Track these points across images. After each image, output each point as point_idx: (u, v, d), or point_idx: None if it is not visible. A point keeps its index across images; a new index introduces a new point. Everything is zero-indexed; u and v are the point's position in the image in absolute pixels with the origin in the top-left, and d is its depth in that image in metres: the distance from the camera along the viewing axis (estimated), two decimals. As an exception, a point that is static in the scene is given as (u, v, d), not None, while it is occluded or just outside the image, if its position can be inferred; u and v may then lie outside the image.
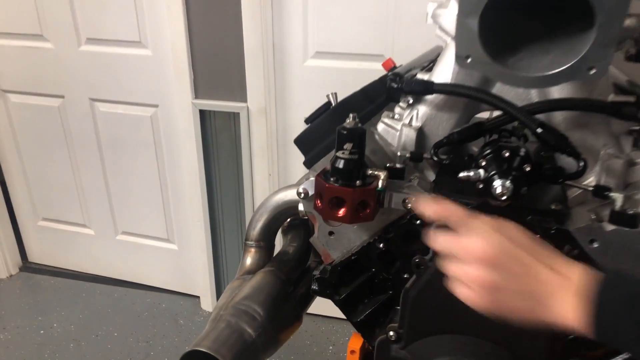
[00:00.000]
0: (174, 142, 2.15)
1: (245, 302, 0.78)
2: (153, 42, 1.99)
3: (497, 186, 0.58)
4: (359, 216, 0.69)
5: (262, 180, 2.04)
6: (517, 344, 0.72)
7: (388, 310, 0.84)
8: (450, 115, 0.76)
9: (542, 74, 0.57)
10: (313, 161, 0.79)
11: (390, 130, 0.79)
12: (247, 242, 0.91)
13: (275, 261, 0.88)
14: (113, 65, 2.08)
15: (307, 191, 0.78)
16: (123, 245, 2.48)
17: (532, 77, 0.58)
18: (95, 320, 2.32)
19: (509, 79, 0.61)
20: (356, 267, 0.81)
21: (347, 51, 1.80)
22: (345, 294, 0.82)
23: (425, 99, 0.77)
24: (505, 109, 0.63)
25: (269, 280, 0.82)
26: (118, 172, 2.32)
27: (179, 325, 2.30)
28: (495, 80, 0.67)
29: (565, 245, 0.66)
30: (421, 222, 0.73)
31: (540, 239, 0.55)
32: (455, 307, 0.73)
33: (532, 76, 0.58)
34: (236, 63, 1.87)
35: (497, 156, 0.60)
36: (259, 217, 0.90)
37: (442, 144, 0.68)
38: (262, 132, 1.95)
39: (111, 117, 2.20)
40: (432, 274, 0.73)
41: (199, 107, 1.96)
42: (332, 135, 0.76)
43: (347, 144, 0.67)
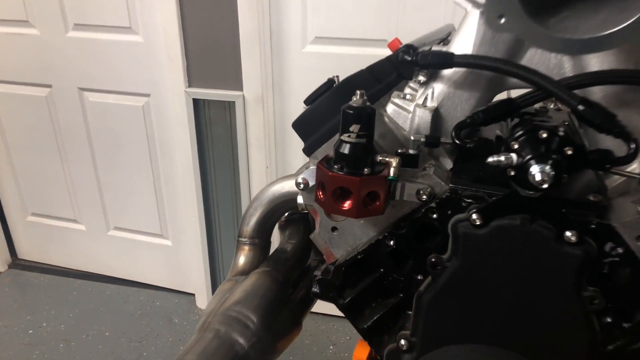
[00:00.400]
0: (166, 132, 2.08)
1: (237, 307, 0.68)
2: (144, 27, 1.92)
3: (535, 172, 0.49)
4: (367, 209, 0.61)
5: (260, 173, 1.97)
6: (546, 356, 0.63)
7: (398, 315, 0.75)
8: (470, 94, 0.67)
9: (592, 36, 0.48)
10: (314, 147, 0.70)
11: (401, 112, 0.70)
12: (240, 239, 0.81)
13: (272, 260, 0.79)
14: (102, 52, 2.01)
15: (307, 181, 0.70)
16: (115, 241, 2.43)
17: (580, 40, 0.49)
18: (86, 319, 2.25)
19: (549, 43, 0.51)
20: (362, 267, 0.72)
21: (348, 36, 1.73)
22: (350, 297, 0.73)
23: (442, 75, 0.68)
24: (540, 82, 0.54)
25: (264, 282, 0.73)
26: (109, 164, 2.26)
27: (173, 324, 2.24)
28: (533, 44, 0.57)
29: (607, 242, 0.57)
30: (438, 216, 0.64)
31: None
32: (476, 313, 0.65)
33: (579, 39, 0.48)
34: (231, 49, 1.80)
35: (533, 137, 0.51)
36: (253, 211, 0.81)
37: (464, 125, 0.59)
38: (259, 122, 1.88)
39: (101, 107, 2.14)
40: (450, 275, 0.64)
41: (192, 96, 1.90)
42: (335, 117, 0.68)
43: (353, 125, 0.58)
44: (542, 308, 0.61)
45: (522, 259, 0.60)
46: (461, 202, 0.63)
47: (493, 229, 0.60)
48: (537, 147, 0.50)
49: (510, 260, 0.60)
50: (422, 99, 0.69)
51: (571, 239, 0.57)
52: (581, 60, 0.61)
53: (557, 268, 0.58)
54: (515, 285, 0.61)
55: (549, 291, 0.60)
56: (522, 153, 0.51)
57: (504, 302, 0.62)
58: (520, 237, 0.59)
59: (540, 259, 0.58)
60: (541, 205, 0.57)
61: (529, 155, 0.50)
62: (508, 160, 0.51)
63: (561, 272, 0.58)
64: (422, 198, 0.64)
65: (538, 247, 0.58)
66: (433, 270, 0.65)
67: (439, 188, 0.65)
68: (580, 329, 0.60)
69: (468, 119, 0.59)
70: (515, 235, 0.59)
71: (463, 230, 0.61)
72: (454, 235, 0.62)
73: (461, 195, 0.63)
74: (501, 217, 0.59)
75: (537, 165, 0.49)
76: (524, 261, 0.60)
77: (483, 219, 0.59)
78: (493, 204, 0.60)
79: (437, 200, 0.64)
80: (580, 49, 0.51)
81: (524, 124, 0.54)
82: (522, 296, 0.61)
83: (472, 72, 0.66)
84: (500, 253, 0.60)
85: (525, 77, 0.55)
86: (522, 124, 0.54)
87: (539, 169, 0.49)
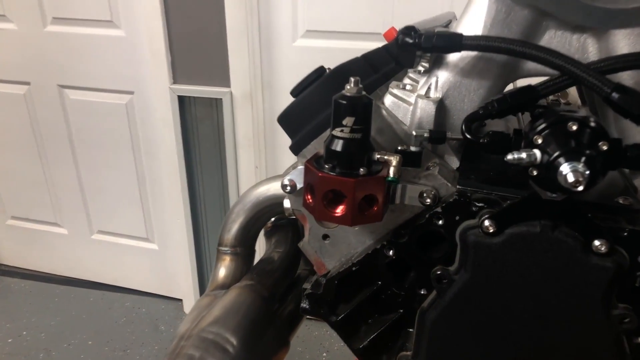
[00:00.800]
0: (151, 131, 2.02)
1: (214, 328, 0.60)
2: (126, 21, 1.86)
3: (567, 172, 0.41)
4: (364, 215, 0.53)
5: (249, 173, 1.92)
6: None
7: (398, 333, 0.67)
8: (480, 83, 0.59)
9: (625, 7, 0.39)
10: (302, 144, 0.62)
11: (401, 104, 0.62)
12: (220, 248, 0.73)
13: (256, 272, 0.71)
14: (83, 47, 1.95)
15: (295, 183, 0.62)
16: (98, 245, 2.37)
17: (609, 11, 0.41)
18: (68, 327, 2.18)
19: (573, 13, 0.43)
20: (358, 280, 0.64)
21: (341, 29, 1.68)
22: (343, 314, 0.65)
23: (447, 62, 0.60)
24: (566, 66, 0.46)
25: (247, 298, 0.64)
26: (91, 165, 2.19)
27: (159, 332, 2.17)
28: (554, 18, 0.49)
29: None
30: (445, 222, 0.56)
31: None
32: (488, 334, 0.57)
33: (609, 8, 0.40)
34: (218, 44, 1.75)
35: (561, 130, 0.43)
36: (235, 216, 0.72)
37: (477, 117, 0.51)
38: (248, 119, 1.83)
39: (82, 105, 2.07)
40: (458, 290, 0.56)
41: (177, 93, 1.84)
42: (326, 109, 0.59)
43: (347, 118, 0.50)
44: (564, 328, 0.53)
45: (542, 272, 0.52)
46: (471, 207, 0.55)
47: (508, 238, 0.52)
48: (567, 142, 0.42)
49: (528, 273, 0.52)
50: (425, 89, 0.61)
51: (600, 248, 0.49)
52: (608, 41, 0.53)
53: (583, 282, 0.50)
54: (533, 302, 0.53)
55: (573, 309, 0.52)
56: (547, 149, 0.43)
57: (520, 322, 0.54)
58: (540, 246, 0.51)
59: (564, 272, 0.51)
60: (565, 210, 0.49)
61: (557, 151, 0.42)
62: (531, 157, 0.43)
63: (588, 287, 0.50)
64: (425, 202, 0.57)
65: (561, 259, 0.50)
66: (438, 285, 0.57)
67: (445, 190, 0.57)
68: (608, 352, 0.52)
69: (481, 109, 0.51)
70: (534, 244, 0.51)
71: (473, 239, 0.53)
72: (463, 245, 0.54)
73: (471, 198, 0.55)
74: (518, 223, 0.51)
75: (568, 163, 0.41)
76: (544, 274, 0.52)
77: (497, 226, 0.52)
78: (508, 208, 0.52)
79: (443, 204, 0.56)
80: (609, 22, 0.43)
81: (547, 115, 0.46)
82: (541, 315, 0.53)
83: (481, 57, 0.58)
84: (517, 265, 0.53)
85: (548, 61, 0.47)
86: (544, 115, 0.46)
87: (571, 167, 0.41)
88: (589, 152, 0.42)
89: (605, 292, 0.50)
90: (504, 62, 0.58)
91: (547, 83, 0.49)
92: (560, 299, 0.51)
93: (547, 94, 0.49)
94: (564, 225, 0.50)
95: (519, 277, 0.53)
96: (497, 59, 0.58)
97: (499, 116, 0.50)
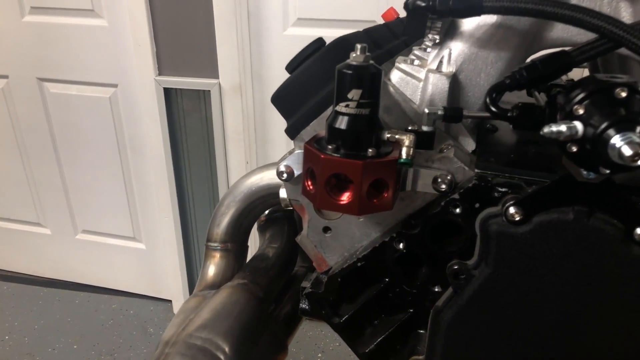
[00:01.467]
0: (136, 126, 1.95)
1: (203, 333, 0.53)
2: (108, 10, 1.79)
3: (620, 144, 0.34)
4: (373, 203, 0.46)
5: (239, 168, 1.86)
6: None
7: (407, 335, 0.60)
8: (498, 54, 0.53)
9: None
10: (299, 126, 0.55)
11: (410, 80, 0.56)
12: (209, 244, 0.66)
13: (249, 270, 0.64)
14: (63, 38, 1.87)
15: (292, 169, 0.55)
16: (84, 245, 2.30)
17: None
18: (53, 331, 2.11)
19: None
20: (363, 277, 0.58)
21: (333, 17, 1.63)
22: (347, 314, 0.59)
23: (461, 31, 0.54)
24: (608, 27, 0.39)
25: (239, 299, 0.58)
26: (74, 162, 2.12)
27: (148, 334, 2.10)
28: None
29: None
30: (463, 211, 0.50)
31: None
32: (513, 335, 0.51)
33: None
34: (205, 33, 1.69)
35: (606, 98, 0.37)
36: (225, 209, 0.66)
37: (502, 88, 0.44)
38: (237, 112, 1.77)
39: (63, 99, 2.00)
40: (478, 287, 0.50)
41: (163, 85, 1.78)
42: (327, 85, 0.53)
43: (353, 91, 0.44)
44: (601, 329, 0.47)
45: (575, 264, 0.46)
46: (492, 192, 0.49)
47: (536, 227, 0.46)
48: (615, 111, 0.36)
49: (560, 266, 0.46)
50: (436, 63, 0.55)
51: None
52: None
53: (624, 276, 0.45)
54: (565, 299, 0.47)
55: (611, 307, 0.46)
56: (592, 121, 0.37)
57: (550, 322, 0.48)
58: (573, 236, 0.45)
59: (602, 264, 0.45)
60: (604, 194, 0.43)
61: (606, 122, 0.36)
62: (571, 130, 0.37)
63: (630, 281, 0.44)
64: (440, 188, 0.50)
65: (599, 249, 0.44)
66: (455, 281, 0.51)
67: (462, 175, 0.51)
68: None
69: (507, 79, 0.44)
70: (566, 234, 0.45)
71: (496, 229, 0.47)
72: (485, 235, 0.48)
73: (492, 183, 0.49)
74: (547, 210, 0.45)
75: (621, 134, 0.35)
76: (578, 268, 0.46)
77: (523, 214, 0.46)
78: (536, 193, 0.46)
79: (460, 191, 0.50)
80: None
81: (585, 83, 0.39)
82: (574, 314, 0.47)
83: (500, 25, 0.52)
84: (546, 257, 0.46)
85: (585, 22, 0.41)
86: (581, 84, 0.40)
87: (625, 139, 0.34)
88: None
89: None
90: (525, 31, 0.52)
91: (582, 47, 0.43)
92: (597, 295, 0.46)
93: (583, 61, 0.43)
94: (601, 212, 0.44)
95: (548, 271, 0.47)
96: (518, 27, 0.52)
97: (527, 87, 0.44)
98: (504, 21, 0.51)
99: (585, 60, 0.43)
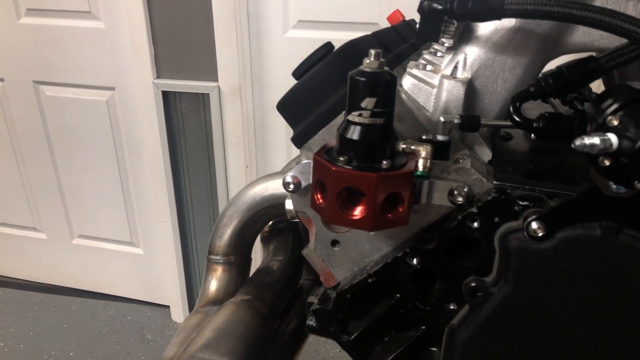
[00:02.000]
0: (134, 129, 1.93)
1: (206, 354, 0.50)
2: (105, 11, 1.77)
3: (662, 159, 0.32)
4: (387, 218, 0.44)
5: (239, 173, 1.84)
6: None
7: (419, 352, 0.57)
8: (516, 59, 0.51)
9: None
10: (307, 135, 0.52)
11: (423, 87, 0.53)
12: (210, 257, 0.63)
13: (253, 285, 0.61)
14: (59, 40, 1.85)
15: (299, 180, 0.53)
16: (80, 250, 2.27)
17: None
18: (49, 338, 2.08)
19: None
20: (373, 293, 0.55)
21: (334, 19, 1.61)
22: (357, 332, 0.56)
23: (477, 36, 0.51)
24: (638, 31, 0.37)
25: (243, 317, 0.55)
26: (71, 166, 2.09)
27: (145, 341, 2.07)
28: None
29: None
30: (481, 225, 0.47)
31: None
32: (534, 356, 0.48)
33: None
34: (204, 35, 1.67)
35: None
36: (228, 220, 0.63)
37: (527, 96, 0.42)
38: (237, 116, 1.74)
39: (60, 102, 1.97)
40: (497, 305, 0.47)
41: (161, 88, 1.75)
42: (336, 92, 0.50)
43: (367, 99, 0.41)
44: (629, 349, 0.44)
45: (603, 283, 0.43)
46: (513, 206, 0.46)
47: (560, 243, 0.44)
48: (654, 123, 0.33)
49: (586, 285, 0.44)
50: (450, 68, 0.53)
51: (675, 255, 0.40)
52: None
53: (655, 296, 0.42)
54: (591, 319, 0.44)
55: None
56: (628, 133, 0.34)
57: (574, 345, 0.46)
58: (600, 253, 0.43)
59: (632, 283, 0.42)
60: (633, 208, 0.41)
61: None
62: (605, 143, 0.34)
63: (661, 302, 0.42)
64: (457, 201, 0.48)
65: (628, 268, 0.42)
66: (472, 299, 0.49)
67: (480, 187, 0.48)
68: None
69: (531, 87, 0.42)
70: (593, 250, 0.43)
71: (517, 244, 0.45)
72: (504, 251, 0.45)
73: (512, 195, 0.46)
74: (572, 225, 0.43)
75: (663, 148, 0.32)
76: (605, 286, 0.43)
77: (546, 229, 0.43)
78: (561, 207, 0.43)
79: (478, 204, 0.47)
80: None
81: (617, 92, 0.37)
82: (602, 334, 0.45)
83: (519, 30, 0.49)
84: (571, 275, 0.44)
85: (615, 26, 0.38)
86: (612, 93, 0.37)
87: (666, 154, 0.32)
88: (684, 135, 0.33)
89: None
90: (545, 35, 0.49)
91: (613, 53, 0.40)
92: (627, 315, 0.43)
93: (613, 67, 0.40)
94: (630, 228, 0.42)
95: (573, 289, 0.44)
96: (538, 31, 0.49)
97: (553, 95, 0.41)
98: (523, 25, 0.49)
99: (615, 67, 0.40)
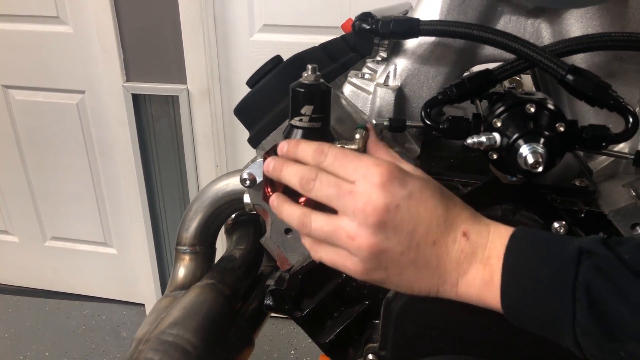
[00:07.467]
0: (105, 132, 1.94)
1: (174, 330, 0.57)
2: (74, 16, 1.77)
3: (526, 153, 0.40)
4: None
5: (209, 172, 1.87)
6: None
7: (364, 325, 0.66)
8: (438, 69, 0.59)
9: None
10: (260, 137, 0.60)
11: (360, 93, 0.61)
12: (178, 247, 0.70)
13: (217, 271, 0.68)
14: (28, 45, 1.84)
15: (254, 177, 0.60)
16: (53, 252, 2.26)
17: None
18: (23, 339, 2.07)
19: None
20: (322, 273, 0.63)
21: (299, 23, 1.65)
22: (308, 309, 0.64)
23: (405, 49, 0.59)
24: (522, 49, 0.46)
25: (208, 297, 0.62)
26: (42, 169, 2.08)
27: (121, 339, 2.09)
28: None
29: (599, 231, 0.50)
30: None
31: (451, 195, 0.43)
32: (455, 322, 0.57)
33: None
34: (172, 39, 1.69)
35: (519, 113, 0.43)
36: (194, 214, 0.70)
37: (436, 103, 0.50)
38: (206, 117, 1.78)
39: (29, 106, 1.96)
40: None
41: (131, 91, 1.77)
42: (284, 99, 0.58)
43: (305, 107, 0.49)
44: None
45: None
46: (433, 194, 0.54)
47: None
48: (525, 124, 0.42)
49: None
50: (383, 77, 0.61)
51: (559, 230, 0.50)
52: (561, 25, 0.54)
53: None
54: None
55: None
56: (507, 132, 0.43)
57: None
58: (502, 231, 0.51)
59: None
60: (525, 193, 0.50)
61: (516, 133, 0.42)
62: (490, 140, 0.43)
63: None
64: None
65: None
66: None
67: (407, 178, 0.56)
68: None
69: (439, 95, 0.50)
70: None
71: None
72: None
73: (432, 185, 0.54)
74: (480, 208, 0.51)
75: (527, 144, 0.41)
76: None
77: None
78: (469, 194, 0.52)
79: (405, 193, 0.55)
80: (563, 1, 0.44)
81: (505, 98, 0.45)
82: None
83: (439, 44, 0.58)
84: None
85: (504, 44, 0.47)
86: (502, 98, 0.46)
87: (530, 149, 0.41)
88: (547, 133, 0.42)
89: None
90: (461, 48, 0.58)
91: (504, 67, 0.49)
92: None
93: (504, 78, 0.49)
94: (524, 209, 0.50)
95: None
96: (454, 45, 0.57)
97: (457, 101, 0.49)
98: (442, 40, 0.57)
99: (505, 78, 0.49)
